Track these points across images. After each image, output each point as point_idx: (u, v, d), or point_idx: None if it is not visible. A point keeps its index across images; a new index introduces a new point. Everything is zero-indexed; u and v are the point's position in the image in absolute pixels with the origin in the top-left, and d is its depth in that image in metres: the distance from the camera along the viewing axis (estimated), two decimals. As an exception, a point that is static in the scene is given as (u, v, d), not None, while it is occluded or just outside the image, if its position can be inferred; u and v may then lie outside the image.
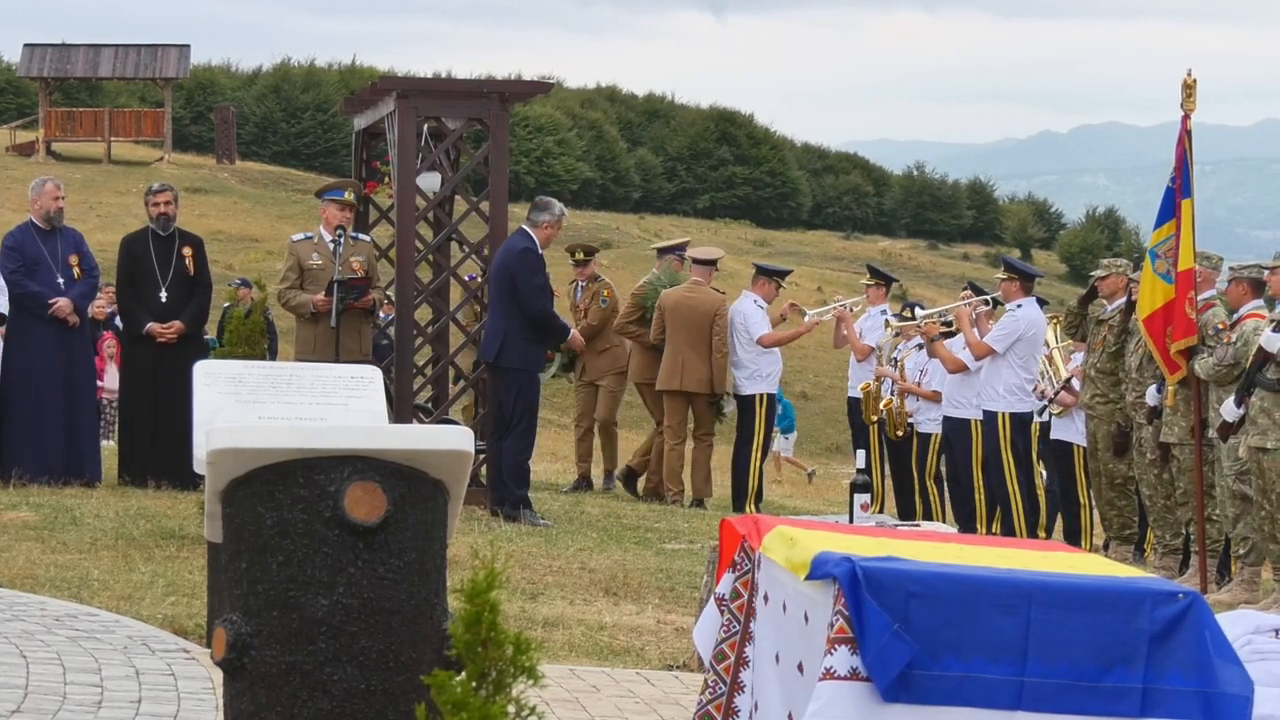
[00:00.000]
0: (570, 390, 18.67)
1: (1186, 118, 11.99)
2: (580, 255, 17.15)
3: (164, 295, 13.92)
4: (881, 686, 4.67)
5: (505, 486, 13.26)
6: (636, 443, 17.85)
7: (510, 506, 13.18)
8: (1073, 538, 14.47)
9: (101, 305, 14.21)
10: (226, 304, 22.82)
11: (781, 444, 27.55)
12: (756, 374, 15.79)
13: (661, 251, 17.65)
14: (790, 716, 5.24)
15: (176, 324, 13.84)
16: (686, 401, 15.91)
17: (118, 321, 20.23)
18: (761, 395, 15.93)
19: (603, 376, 16.77)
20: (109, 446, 15.63)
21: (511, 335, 13.54)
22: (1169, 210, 12.09)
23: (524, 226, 13.81)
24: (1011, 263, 15.04)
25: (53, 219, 13.82)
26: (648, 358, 16.18)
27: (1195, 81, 11.92)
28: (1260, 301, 12.06)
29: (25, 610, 8.40)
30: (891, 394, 15.95)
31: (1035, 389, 14.42)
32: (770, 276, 16.39)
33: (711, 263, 16.36)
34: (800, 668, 5.15)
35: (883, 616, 4.68)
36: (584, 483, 16.72)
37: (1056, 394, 14.66)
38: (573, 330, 14.91)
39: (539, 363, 14.08)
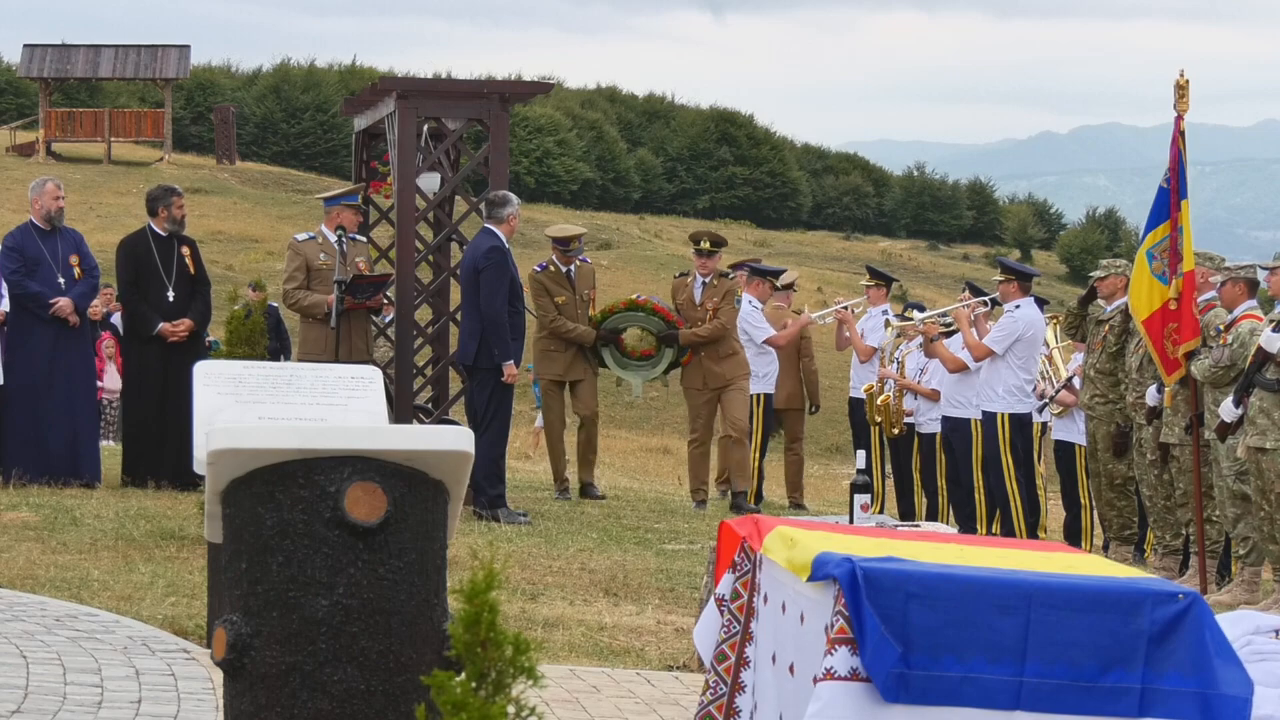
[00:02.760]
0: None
1: (1180, 118, 12.00)
2: (706, 245, 15.46)
3: (171, 295, 13.94)
4: (881, 687, 4.67)
5: (480, 486, 13.14)
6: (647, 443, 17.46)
7: (486, 506, 13.11)
8: (1073, 538, 14.48)
9: (98, 306, 14.19)
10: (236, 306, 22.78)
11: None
12: (754, 374, 15.81)
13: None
14: (781, 718, 5.24)
15: (186, 321, 13.86)
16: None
17: (114, 321, 20.25)
18: (759, 395, 15.99)
19: (727, 385, 15.16)
20: (109, 447, 15.63)
21: (484, 336, 13.43)
22: (1163, 211, 12.09)
23: (487, 225, 13.63)
24: (1007, 264, 15.05)
25: (53, 219, 13.82)
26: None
27: (1188, 82, 11.93)
28: (1254, 302, 12.07)
29: (25, 610, 8.40)
30: (889, 391, 15.96)
31: (1035, 389, 14.42)
32: (764, 277, 16.44)
33: (774, 276, 16.74)
34: (791, 669, 5.16)
35: (876, 618, 4.68)
36: (702, 505, 15.32)
37: (1056, 394, 14.67)
38: (509, 365, 13.36)
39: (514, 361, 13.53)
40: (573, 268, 15.30)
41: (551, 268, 15.29)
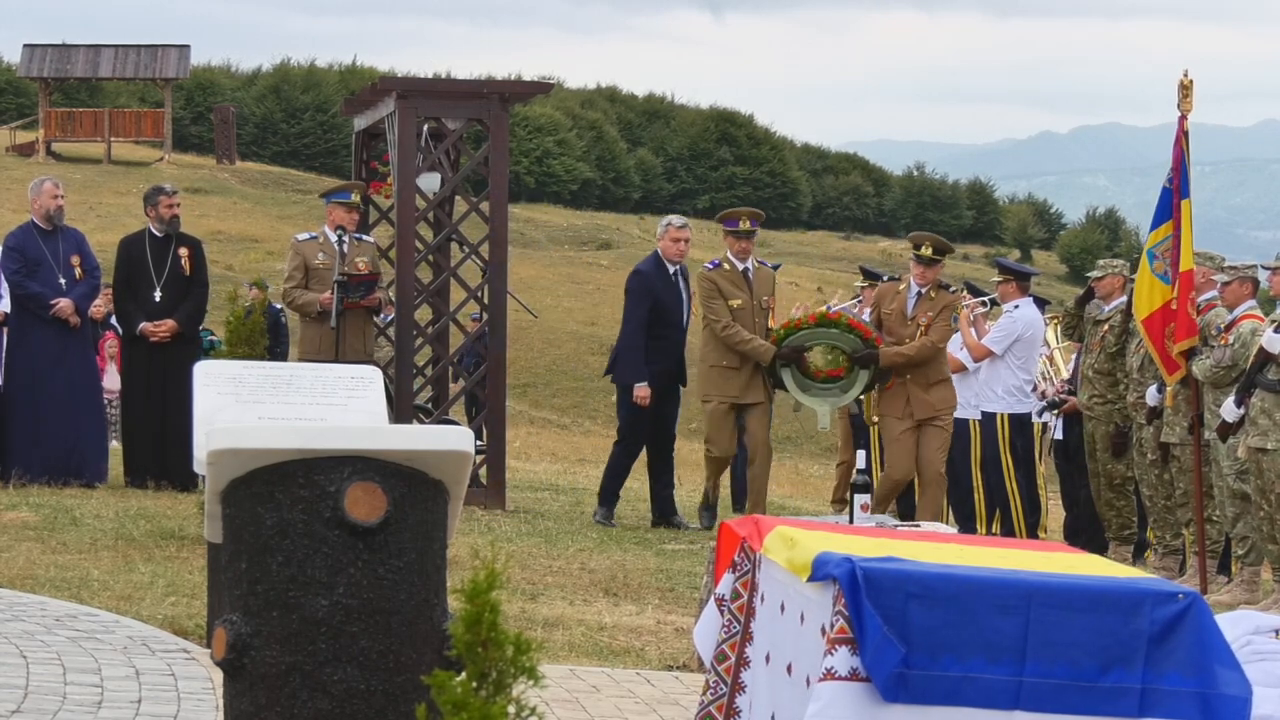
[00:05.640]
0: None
1: (1183, 118, 12.00)
2: (928, 251, 13.05)
3: (158, 295, 13.93)
4: (881, 687, 4.67)
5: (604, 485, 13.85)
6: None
7: (600, 503, 13.71)
8: (1073, 538, 14.47)
9: (99, 306, 14.20)
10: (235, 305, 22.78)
11: None
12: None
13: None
14: (773, 717, 5.24)
15: (168, 322, 13.82)
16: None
17: (114, 322, 20.26)
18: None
19: (931, 418, 12.89)
20: (111, 447, 15.63)
21: (620, 352, 13.77)
22: (1166, 211, 12.10)
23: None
24: (1006, 264, 15.05)
25: (53, 218, 13.82)
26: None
27: (1192, 82, 11.93)
28: (1253, 302, 12.07)
29: (25, 610, 8.40)
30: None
31: (1035, 389, 14.41)
32: None
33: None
34: (789, 669, 5.16)
35: (878, 617, 4.68)
36: None
37: (1064, 403, 14.60)
38: (642, 387, 13.26)
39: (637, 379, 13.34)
40: (750, 266, 13.28)
41: (726, 265, 13.28)
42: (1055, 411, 14.68)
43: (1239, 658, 4.86)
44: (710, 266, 13.27)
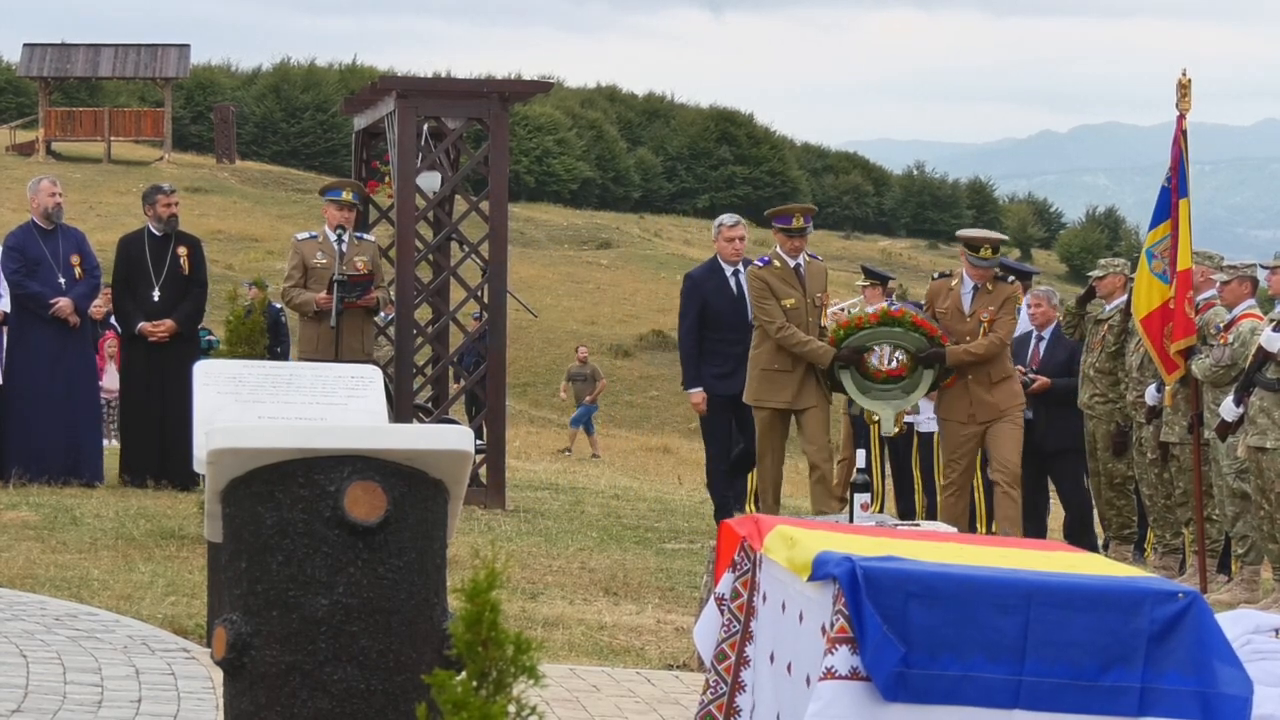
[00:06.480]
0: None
1: (1182, 118, 12.00)
2: (986, 252, 12.31)
3: (156, 294, 13.93)
4: (881, 686, 4.67)
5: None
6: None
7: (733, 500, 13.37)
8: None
9: (99, 305, 14.21)
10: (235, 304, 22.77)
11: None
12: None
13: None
14: (778, 717, 5.24)
15: (167, 322, 13.83)
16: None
17: (114, 321, 20.26)
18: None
19: (998, 417, 12.07)
20: (110, 447, 15.63)
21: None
22: (1164, 210, 12.10)
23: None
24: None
25: (52, 216, 13.82)
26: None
27: (1190, 81, 11.93)
28: (1253, 301, 12.08)
29: (25, 610, 8.40)
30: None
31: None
32: None
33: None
34: (790, 668, 5.16)
35: (878, 617, 4.68)
36: None
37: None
38: (696, 390, 13.05)
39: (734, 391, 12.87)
40: (802, 261, 12.47)
41: (776, 262, 12.40)
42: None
43: (1239, 657, 4.86)
44: (760, 263, 12.46)
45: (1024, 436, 12.31)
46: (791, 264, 12.34)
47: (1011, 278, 12.83)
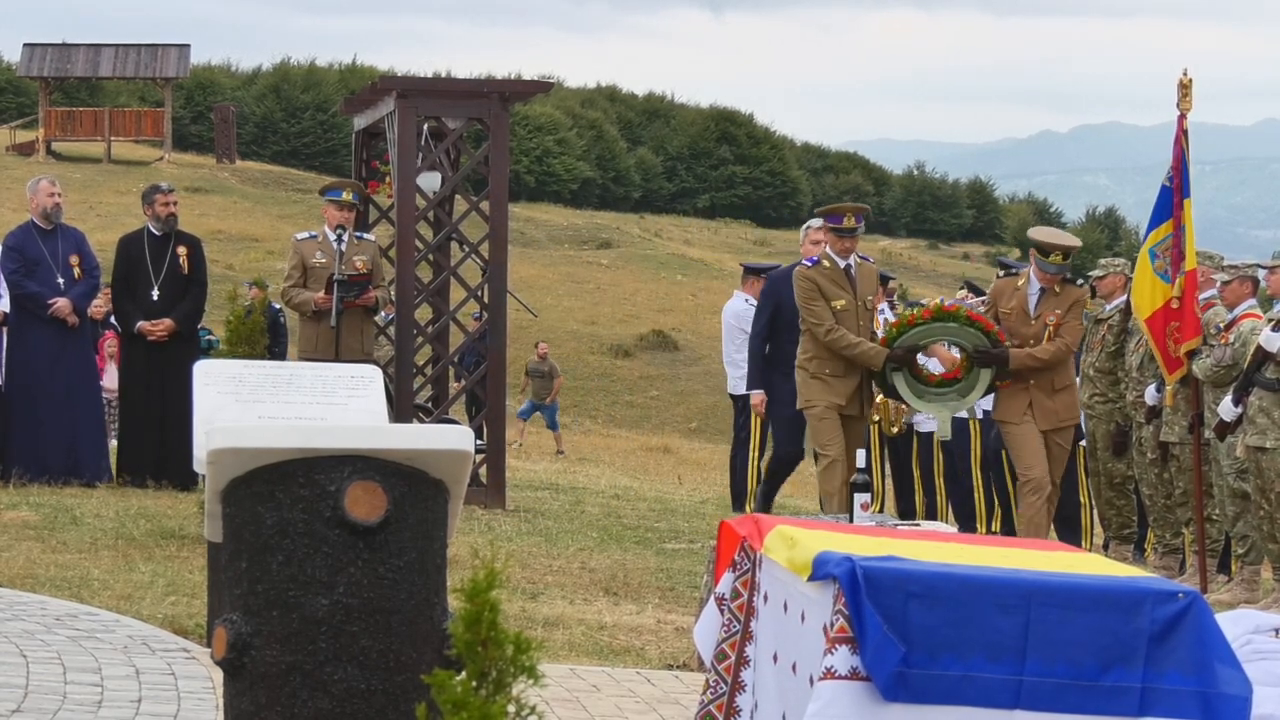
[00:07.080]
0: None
1: (1183, 117, 12.00)
2: (1056, 258, 11.47)
3: (155, 294, 13.93)
4: (881, 686, 4.67)
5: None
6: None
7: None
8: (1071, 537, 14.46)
9: (99, 305, 14.21)
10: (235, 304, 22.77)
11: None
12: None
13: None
14: (784, 717, 5.24)
15: (166, 322, 13.83)
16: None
17: (114, 321, 20.26)
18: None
19: (1059, 428, 11.56)
20: (110, 447, 15.63)
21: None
22: (1166, 210, 12.09)
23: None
24: (1008, 263, 15.04)
25: (51, 216, 13.83)
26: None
27: (1191, 81, 11.93)
28: (1253, 301, 12.08)
29: (25, 610, 8.40)
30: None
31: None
32: (759, 275, 16.41)
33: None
34: (794, 668, 5.16)
35: (878, 617, 4.68)
36: None
37: None
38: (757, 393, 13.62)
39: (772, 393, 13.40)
40: (852, 263, 11.91)
41: (826, 263, 11.86)
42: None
43: (1239, 657, 4.86)
44: (809, 264, 11.89)
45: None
46: (841, 265, 11.80)
47: (1080, 280, 12.15)
